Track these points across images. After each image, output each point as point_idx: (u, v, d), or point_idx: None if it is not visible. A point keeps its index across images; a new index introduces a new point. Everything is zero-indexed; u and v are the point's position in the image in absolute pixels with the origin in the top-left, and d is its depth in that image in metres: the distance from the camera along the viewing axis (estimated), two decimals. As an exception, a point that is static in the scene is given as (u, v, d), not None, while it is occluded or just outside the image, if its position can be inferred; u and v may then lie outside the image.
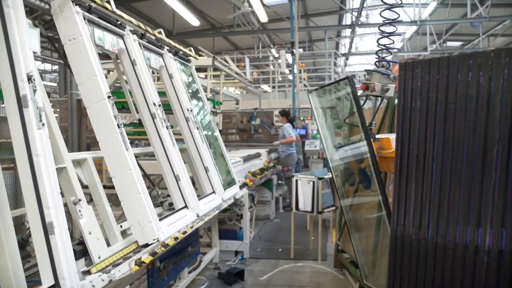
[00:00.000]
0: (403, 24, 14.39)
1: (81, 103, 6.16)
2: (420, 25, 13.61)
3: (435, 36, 15.60)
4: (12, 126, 1.99)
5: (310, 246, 5.73)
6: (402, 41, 18.00)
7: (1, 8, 2.01)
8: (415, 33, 16.68)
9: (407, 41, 17.69)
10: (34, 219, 1.91)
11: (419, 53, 17.52)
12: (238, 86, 8.97)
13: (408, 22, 13.62)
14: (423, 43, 17.29)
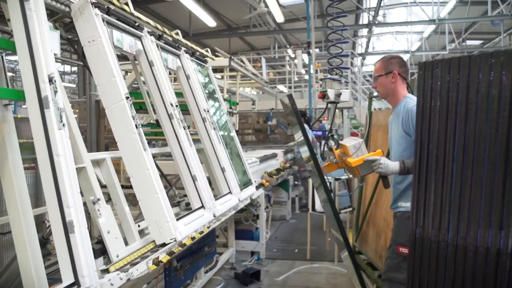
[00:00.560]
0: (421, 23, 14.19)
1: (99, 104, 6.25)
2: (438, 24, 13.39)
3: (454, 35, 15.33)
4: (33, 127, 2.02)
5: (326, 247, 5.69)
6: (420, 40, 17.75)
7: (24, 12, 2.06)
8: (434, 32, 16.42)
9: (425, 40, 17.43)
10: (54, 218, 1.94)
11: (438, 52, 17.25)
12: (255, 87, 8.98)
13: (426, 21, 13.42)
14: (441, 42, 17.01)
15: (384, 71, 2.92)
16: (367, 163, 2.79)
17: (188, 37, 12.48)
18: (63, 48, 12.32)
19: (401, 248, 2.80)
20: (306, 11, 9.34)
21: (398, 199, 2.97)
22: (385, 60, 2.97)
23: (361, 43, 19.61)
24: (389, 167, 2.74)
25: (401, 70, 2.92)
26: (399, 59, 2.99)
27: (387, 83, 2.92)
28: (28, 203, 2.14)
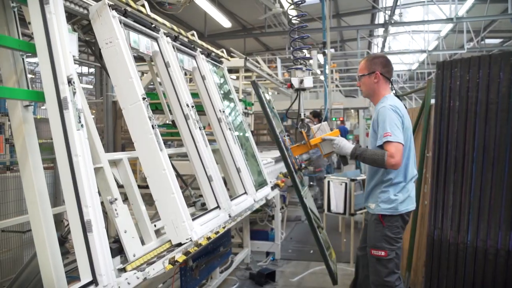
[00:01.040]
0: (438, 22, 14.00)
1: (116, 105, 6.32)
2: (456, 22, 13.20)
3: (472, 33, 15.08)
4: (53, 127, 2.05)
5: (342, 248, 5.65)
6: (437, 39, 17.50)
7: (44, 15, 2.09)
8: (451, 31, 16.18)
9: (442, 39, 17.18)
10: (73, 217, 1.96)
11: (456, 51, 16.98)
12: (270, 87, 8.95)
13: (444, 19, 13.23)
14: (459, 41, 16.76)
15: (367, 71, 2.96)
16: (327, 142, 3.03)
17: (203, 38, 12.55)
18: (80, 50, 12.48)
19: (373, 251, 2.83)
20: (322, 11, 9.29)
21: (367, 199, 3.02)
22: (369, 59, 3.01)
23: (377, 43, 19.43)
24: (342, 148, 2.92)
25: (384, 70, 2.93)
26: (383, 58, 3.01)
27: (370, 83, 2.95)
28: (47, 202, 2.18)
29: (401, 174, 2.80)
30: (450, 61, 2.92)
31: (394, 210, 2.79)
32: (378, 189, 2.88)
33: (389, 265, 2.79)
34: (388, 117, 2.69)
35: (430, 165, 3.38)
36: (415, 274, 3.60)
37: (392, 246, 2.79)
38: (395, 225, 2.80)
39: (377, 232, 2.83)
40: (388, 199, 2.80)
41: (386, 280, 2.78)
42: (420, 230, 3.61)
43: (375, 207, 2.87)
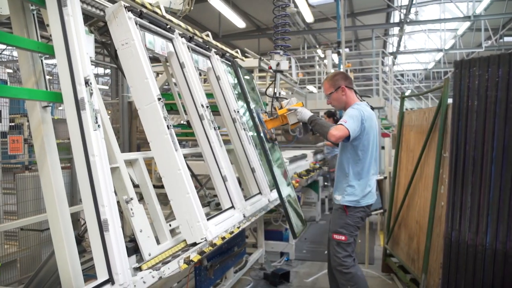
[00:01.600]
0: (455, 20, 13.79)
1: (131, 105, 6.38)
2: (474, 20, 12.98)
3: (490, 31, 14.81)
4: (70, 128, 2.08)
5: (356, 249, 5.60)
6: (454, 38, 17.24)
7: (62, 17, 2.12)
8: (468, 29, 15.91)
9: (459, 38, 16.92)
10: (90, 216, 1.98)
11: (473, 50, 16.71)
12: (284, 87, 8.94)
13: (461, 18, 13.02)
14: (477, 39, 16.48)
15: (333, 88, 3.34)
16: (293, 113, 3.36)
17: (217, 38, 12.59)
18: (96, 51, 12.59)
19: (335, 235, 3.26)
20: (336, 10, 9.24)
21: (334, 191, 3.44)
22: (331, 79, 3.41)
23: (392, 42, 19.24)
24: (304, 115, 3.29)
25: (347, 82, 3.35)
26: (342, 74, 3.45)
27: (339, 97, 3.34)
28: (65, 201, 2.21)
29: (365, 170, 3.23)
30: (469, 59, 2.87)
31: (356, 203, 3.23)
32: (344, 183, 3.29)
33: (347, 248, 3.22)
34: (350, 112, 3.16)
35: (447, 165, 3.33)
36: (431, 276, 3.56)
37: (351, 233, 3.23)
38: (356, 215, 3.25)
39: (340, 220, 3.26)
40: (352, 193, 3.23)
41: (344, 261, 3.20)
42: (436, 231, 3.56)
43: (341, 199, 3.28)
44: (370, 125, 3.20)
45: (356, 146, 3.21)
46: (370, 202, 3.31)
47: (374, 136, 3.26)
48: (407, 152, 4.58)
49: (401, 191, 4.61)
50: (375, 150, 3.29)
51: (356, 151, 3.22)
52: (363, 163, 3.22)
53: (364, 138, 3.19)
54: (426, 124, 4.00)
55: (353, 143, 3.20)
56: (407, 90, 19.83)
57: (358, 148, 3.21)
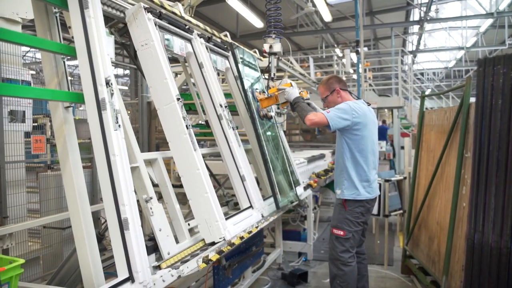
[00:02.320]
0: (477, 17, 13.50)
1: (151, 105, 6.45)
2: (497, 17, 12.68)
3: (515, 28, 14.45)
4: (92, 128, 2.11)
5: (375, 250, 5.55)
6: (476, 35, 16.88)
7: (84, 19, 2.16)
8: (491, 26, 15.56)
9: (481, 35, 16.55)
10: (111, 215, 2.01)
11: (496, 47, 16.32)
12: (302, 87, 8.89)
13: (483, 14, 12.74)
14: (500, 36, 16.11)
15: (329, 91, 3.45)
16: (282, 93, 3.47)
17: (235, 38, 12.62)
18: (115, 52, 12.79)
19: (334, 230, 3.31)
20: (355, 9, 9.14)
21: (335, 186, 3.48)
22: (325, 83, 3.50)
23: (412, 40, 18.95)
24: (291, 95, 3.42)
25: (340, 85, 3.45)
26: (335, 77, 3.53)
27: (335, 99, 3.41)
28: (86, 200, 2.24)
29: (361, 164, 3.26)
30: (493, 57, 2.81)
31: (355, 196, 3.25)
32: (342, 177, 3.34)
33: (345, 243, 3.26)
34: (338, 106, 3.26)
35: (469, 166, 3.26)
36: (452, 278, 3.49)
37: (350, 228, 3.26)
38: (355, 210, 3.27)
39: (340, 215, 3.30)
40: (349, 187, 3.27)
41: (340, 255, 3.24)
42: (457, 232, 3.49)
43: (340, 193, 3.32)
44: (364, 120, 3.24)
45: (348, 139, 3.27)
46: (370, 196, 3.31)
47: (370, 130, 3.30)
48: (428, 152, 4.51)
49: (421, 192, 4.54)
50: (371, 144, 3.31)
51: (349, 145, 3.28)
52: (359, 156, 3.27)
53: (357, 132, 3.24)
54: (447, 123, 3.93)
55: (345, 137, 3.28)
56: (427, 89, 19.52)
57: (351, 142, 3.27)
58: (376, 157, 3.42)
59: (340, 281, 3.26)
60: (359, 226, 3.33)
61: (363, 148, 3.27)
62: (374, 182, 3.37)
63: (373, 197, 3.37)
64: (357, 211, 3.29)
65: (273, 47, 3.69)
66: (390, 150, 11.35)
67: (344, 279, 3.24)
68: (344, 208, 3.30)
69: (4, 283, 1.59)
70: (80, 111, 5.60)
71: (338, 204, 3.37)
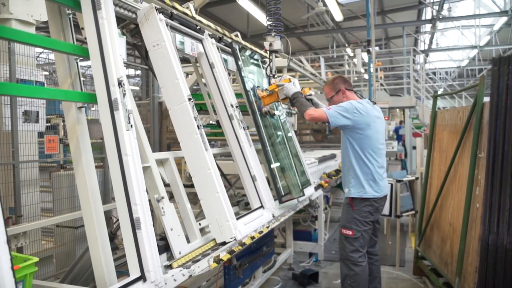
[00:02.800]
0: (491, 15, 13.32)
1: (162, 106, 6.48)
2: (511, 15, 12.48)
3: (530, 26, 14.22)
4: (104, 128, 2.13)
5: (387, 250, 5.51)
6: (490, 34, 16.65)
7: (96, 20, 2.18)
8: (505, 25, 15.32)
9: (495, 34, 16.31)
10: (123, 214, 2.03)
11: (510, 46, 16.08)
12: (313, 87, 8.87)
13: (497, 12, 12.56)
14: (515, 35, 15.87)
15: (334, 92, 3.45)
16: (281, 89, 3.47)
17: (246, 38, 12.63)
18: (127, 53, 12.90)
19: (343, 230, 3.32)
20: (366, 8, 9.09)
21: (343, 185, 3.49)
22: (330, 83, 3.51)
23: (424, 40, 18.76)
24: (289, 90, 3.42)
25: (346, 85, 3.45)
26: (340, 77, 3.54)
27: (340, 100, 3.40)
28: (99, 199, 2.26)
29: (367, 162, 3.25)
30: (508, 56, 2.77)
31: (362, 194, 3.25)
32: (348, 175, 3.34)
33: (354, 243, 3.25)
34: (340, 104, 3.26)
35: (482, 166, 3.22)
36: (465, 280, 3.45)
37: (359, 228, 3.25)
38: (363, 209, 3.26)
39: (348, 215, 3.31)
40: (356, 185, 3.27)
41: (350, 255, 3.24)
42: (471, 233, 3.45)
43: (348, 192, 3.34)
44: (367, 120, 3.24)
45: (351, 138, 3.28)
46: (378, 195, 3.30)
47: (375, 130, 3.29)
48: (440, 152, 4.46)
49: (433, 192, 4.50)
50: (376, 143, 3.30)
51: (353, 144, 3.28)
52: (363, 155, 3.26)
53: (360, 131, 3.23)
54: (460, 123, 3.88)
55: (348, 136, 3.29)
56: (440, 89, 19.31)
57: (354, 141, 3.27)
58: (383, 156, 3.41)
59: (351, 281, 3.24)
60: (368, 225, 3.31)
61: (367, 147, 3.26)
62: (382, 180, 3.34)
63: (381, 196, 3.35)
64: (364, 210, 3.28)
65: (273, 44, 3.70)
66: (401, 150, 11.26)
67: (355, 279, 3.23)
68: (351, 208, 3.30)
69: (19, 280, 1.61)
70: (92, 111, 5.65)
71: (346, 204, 3.37)
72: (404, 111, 11.71)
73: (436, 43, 18.98)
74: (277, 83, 3.52)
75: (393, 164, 9.42)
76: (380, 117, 3.41)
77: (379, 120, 3.37)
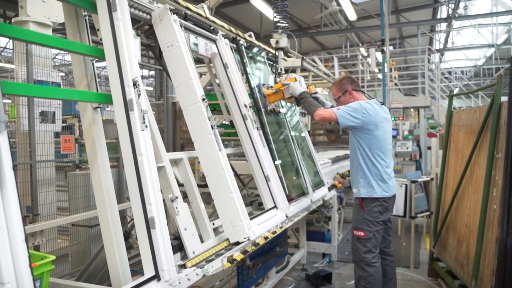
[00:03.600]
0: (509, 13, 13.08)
1: (175, 106, 6.52)
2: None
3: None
4: (119, 128, 2.15)
5: (401, 252, 5.46)
6: (508, 32, 16.36)
7: (112, 21, 2.20)
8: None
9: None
10: (137, 214, 2.04)
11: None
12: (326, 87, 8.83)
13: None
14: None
15: (341, 92, 3.46)
16: (286, 88, 3.47)
17: (259, 38, 12.62)
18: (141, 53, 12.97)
19: (355, 231, 3.32)
20: (380, 7, 9.01)
21: (352, 185, 3.49)
22: (337, 84, 3.52)
23: (439, 38, 18.51)
24: (295, 90, 3.43)
25: (353, 85, 3.45)
26: (348, 78, 3.54)
27: (347, 100, 3.41)
28: (114, 199, 2.29)
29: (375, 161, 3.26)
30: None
31: (372, 194, 3.26)
32: (357, 175, 3.36)
33: (367, 244, 3.25)
34: (349, 104, 3.27)
35: (500, 167, 3.17)
36: (482, 283, 3.40)
37: (370, 228, 3.26)
38: (373, 210, 3.28)
39: (359, 216, 3.32)
40: (365, 185, 3.29)
41: (364, 256, 3.24)
42: (487, 235, 3.40)
43: (357, 192, 3.35)
44: (376, 120, 3.24)
45: (360, 139, 3.29)
46: (387, 194, 3.31)
47: (383, 130, 3.30)
48: (456, 153, 4.40)
49: (449, 193, 4.44)
50: (383, 144, 3.31)
51: (361, 144, 3.29)
52: (371, 155, 3.27)
53: (368, 132, 3.24)
54: (476, 123, 3.82)
55: (356, 136, 3.30)
56: (455, 88, 19.04)
57: (363, 141, 3.28)
58: (390, 156, 3.42)
59: (365, 283, 3.23)
60: (379, 226, 3.31)
61: (375, 148, 3.28)
62: (390, 180, 3.37)
63: (391, 195, 3.37)
64: (375, 211, 3.29)
65: (279, 42, 3.71)
66: (416, 150, 11.14)
67: (369, 281, 3.21)
68: (362, 209, 3.31)
69: (37, 278, 1.64)
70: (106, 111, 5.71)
71: (356, 205, 3.38)
72: (419, 111, 11.57)
73: (451, 42, 18.72)
74: (282, 82, 3.52)
75: (407, 164, 9.31)
76: (387, 118, 3.42)
77: (386, 121, 3.38)
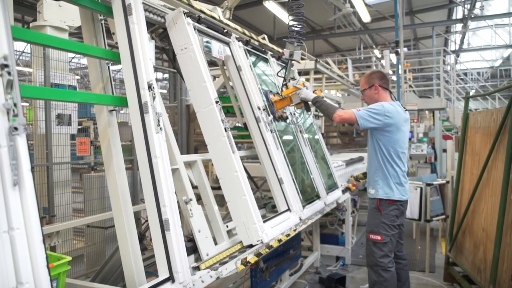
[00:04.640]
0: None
1: (189, 108, 6.55)
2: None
3: None
4: (135, 130, 2.17)
5: (416, 256, 5.39)
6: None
7: (128, 25, 2.23)
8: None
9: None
10: (152, 215, 2.06)
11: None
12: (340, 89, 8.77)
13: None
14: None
15: (367, 85, 3.45)
16: (296, 94, 3.44)
17: (272, 41, 12.63)
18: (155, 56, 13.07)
19: (371, 235, 3.27)
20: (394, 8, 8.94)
21: (367, 185, 3.47)
22: (367, 76, 3.51)
23: (455, 39, 18.28)
24: (307, 95, 3.39)
25: (381, 82, 3.42)
26: (379, 73, 3.51)
27: (372, 95, 3.42)
28: (129, 200, 2.31)
29: (394, 164, 3.25)
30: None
31: (390, 196, 3.23)
32: (376, 176, 3.32)
33: (384, 248, 3.21)
34: (371, 105, 3.27)
35: (519, 170, 3.11)
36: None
37: (387, 232, 3.23)
38: (391, 213, 3.25)
39: (376, 219, 3.27)
40: (384, 186, 3.26)
41: (380, 261, 3.20)
42: (505, 240, 3.33)
43: (374, 193, 3.31)
44: (397, 122, 3.23)
45: (379, 140, 3.28)
46: (404, 198, 3.30)
47: (403, 133, 3.30)
48: (472, 155, 4.33)
49: (465, 196, 4.37)
50: (401, 147, 3.30)
51: (380, 146, 3.27)
52: (390, 158, 3.26)
53: (388, 134, 3.23)
54: (494, 125, 3.76)
55: (376, 137, 3.29)
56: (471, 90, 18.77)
57: (382, 143, 3.26)
58: (405, 160, 3.41)
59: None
60: (396, 230, 3.29)
61: (394, 150, 3.27)
62: (406, 184, 3.36)
63: (406, 199, 3.36)
64: (392, 214, 3.26)
65: (293, 55, 3.63)
66: (431, 153, 11.00)
67: (385, 286, 3.18)
68: (379, 212, 3.28)
69: (53, 278, 1.66)
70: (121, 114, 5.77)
71: (373, 209, 3.35)
72: (434, 113, 11.43)
73: (467, 43, 18.47)
74: (295, 85, 3.50)
75: (422, 167, 9.20)
76: (408, 122, 3.41)
77: (407, 125, 3.38)
